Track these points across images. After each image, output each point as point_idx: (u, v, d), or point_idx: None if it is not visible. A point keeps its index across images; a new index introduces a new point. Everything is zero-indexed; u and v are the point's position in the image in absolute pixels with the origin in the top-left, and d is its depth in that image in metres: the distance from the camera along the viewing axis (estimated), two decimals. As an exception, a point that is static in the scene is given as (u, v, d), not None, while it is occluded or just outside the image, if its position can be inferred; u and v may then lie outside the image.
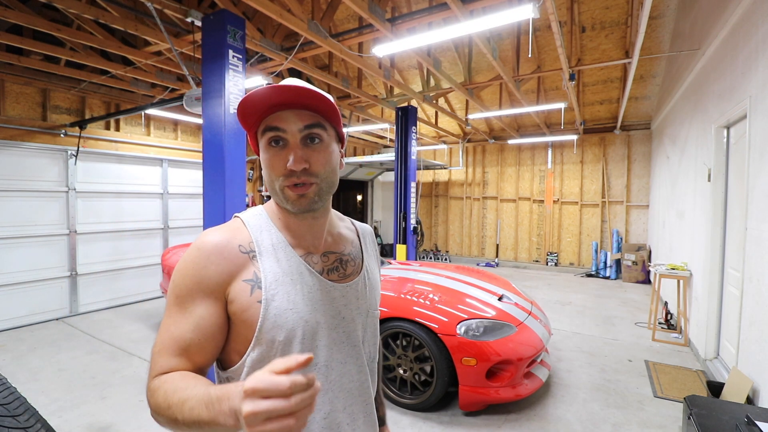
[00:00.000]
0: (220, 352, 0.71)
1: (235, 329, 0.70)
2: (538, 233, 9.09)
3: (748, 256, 2.66)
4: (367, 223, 11.27)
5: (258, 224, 0.77)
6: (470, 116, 6.94)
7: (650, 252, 7.36)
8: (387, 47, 3.71)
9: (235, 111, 0.75)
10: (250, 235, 0.74)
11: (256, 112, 0.71)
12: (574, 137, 8.12)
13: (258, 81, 4.33)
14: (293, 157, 0.69)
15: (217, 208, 3.07)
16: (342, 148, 0.83)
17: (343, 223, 0.92)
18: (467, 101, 7.62)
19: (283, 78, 5.35)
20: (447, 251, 10.38)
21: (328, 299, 0.76)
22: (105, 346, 4.13)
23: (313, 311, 0.73)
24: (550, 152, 8.88)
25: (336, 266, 0.81)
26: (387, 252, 10.36)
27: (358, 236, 0.93)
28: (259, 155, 0.76)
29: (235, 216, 0.80)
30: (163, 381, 0.62)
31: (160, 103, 4.51)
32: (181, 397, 0.57)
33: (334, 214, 0.90)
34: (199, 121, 5.94)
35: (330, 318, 0.75)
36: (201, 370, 0.68)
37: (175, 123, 6.55)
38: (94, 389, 3.16)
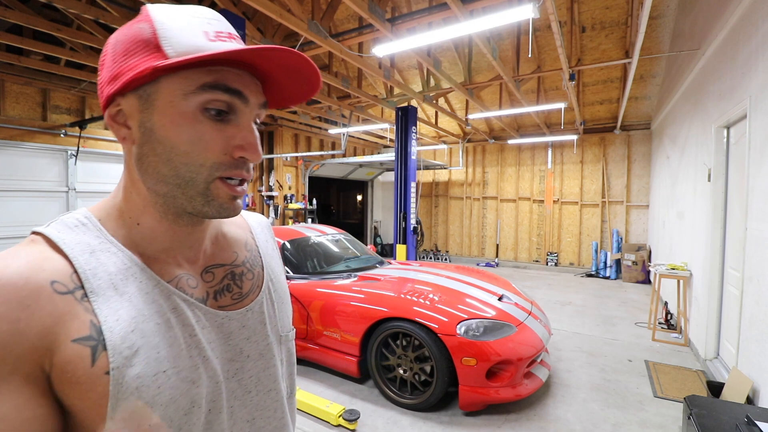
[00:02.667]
0: None
1: (72, 421, 0.42)
2: (538, 233, 9.09)
3: (748, 256, 2.66)
4: (367, 223, 11.33)
5: (83, 241, 0.46)
6: (470, 116, 6.94)
7: (650, 252, 7.36)
8: (387, 47, 3.71)
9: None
10: (71, 263, 0.44)
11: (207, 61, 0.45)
12: (574, 137, 8.12)
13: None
14: (253, 143, 0.48)
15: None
16: None
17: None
18: (467, 101, 7.62)
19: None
20: (447, 251, 10.39)
21: (222, 337, 0.52)
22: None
23: (202, 363, 0.48)
24: (550, 152, 8.89)
25: (227, 285, 0.56)
26: (387, 252, 10.36)
27: (251, 233, 0.67)
28: (111, 104, 0.47)
29: (34, 233, 0.46)
30: None
31: (160, 103, 4.51)
32: None
33: None
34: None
35: (227, 363, 0.52)
36: None
37: (175, 123, 6.55)
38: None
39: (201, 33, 0.46)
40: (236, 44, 0.48)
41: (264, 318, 0.59)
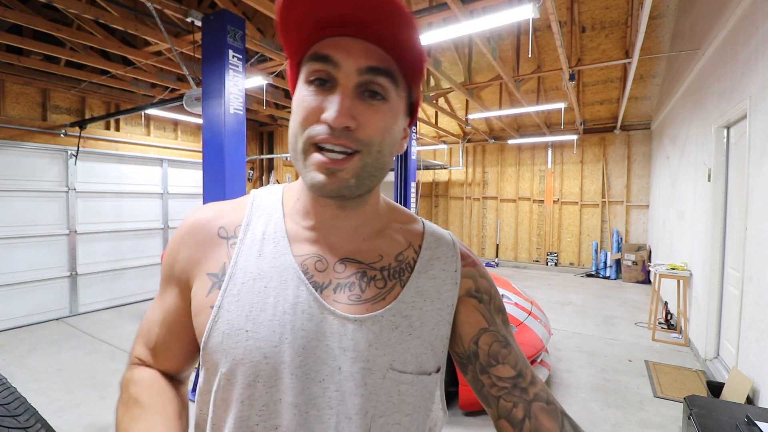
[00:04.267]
0: (192, 357, 0.60)
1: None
2: (538, 233, 9.09)
3: (748, 256, 2.66)
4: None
5: (264, 204, 0.57)
6: (470, 116, 6.94)
7: (650, 252, 7.36)
8: (387, 47, 3.70)
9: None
10: (246, 217, 0.55)
11: (300, 29, 0.45)
12: (574, 137, 8.12)
13: (258, 81, 4.33)
14: (336, 106, 0.44)
15: (217, 208, 3.06)
16: (412, 125, 0.57)
17: (406, 225, 0.59)
18: (467, 101, 7.62)
19: (284, 78, 5.35)
20: (447, 251, 10.37)
21: (316, 332, 0.48)
22: (105, 346, 4.13)
23: (281, 344, 0.46)
24: (550, 152, 8.88)
25: (351, 282, 0.52)
26: (387, 252, 10.35)
27: (421, 245, 0.57)
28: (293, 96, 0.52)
29: (254, 191, 0.61)
30: (129, 388, 0.56)
31: (160, 103, 4.52)
32: None
33: (398, 210, 0.61)
34: (199, 121, 5.94)
35: (312, 364, 0.47)
36: (174, 374, 0.61)
37: (175, 123, 6.55)
38: (94, 389, 3.16)
39: None
40: None
41: (374, 339, 0.49)
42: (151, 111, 5.15)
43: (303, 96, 0.47)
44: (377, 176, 0.50)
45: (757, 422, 1.81)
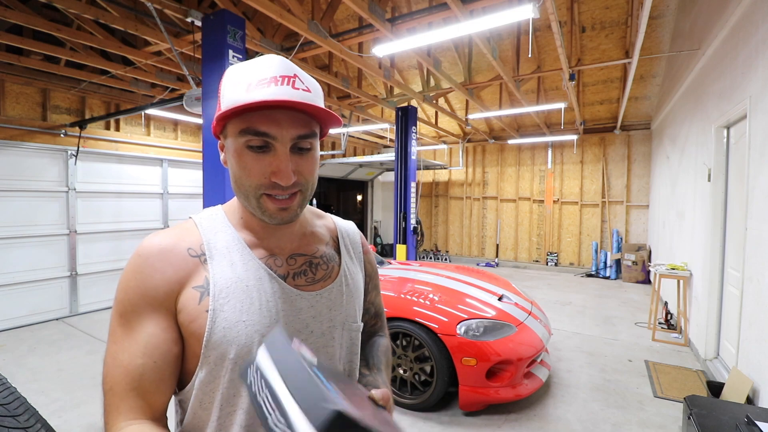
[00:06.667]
0: (177, 379, 0.63)
1: (186, 344, 0.62)
2: (538, 233, 9.09)
3: (748, 256, 2.66)
4: (367, 223, 11.32)
5: (212, 225, 0.69)
6: (470, 116, 6.94)
7: (650, 252, 7.36)
8: (387, 47, 3.71)
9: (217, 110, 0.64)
10: (201, 237, 0.66)
11: (239, 111, 0.59)
12: (574, 137, 8.12)
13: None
14: (283, 170, 0.60)
15: (217, 208, 3.06)
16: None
17: (321, 221, 0.82)
18: (467, 101, 7.62)
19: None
20: (447, 251, 10.38)
21: (293, 310, 0.67)
22: (105, 346, 4.13)
23: (272, 324, 0.63)
24: (550, 152, 8.88)
25: (303, 270, 0.71)
26: (387, 252, 10.36)
27: (337, 236, 0.82)
28: (218, 140, 0.67)
29: (189, 217, 0.72)
30: None
31: (160, 103, 4.51)
32: None
33: (311, 211, 0.81)
34: (199, 121, 5.94)
35: (294, 333, 0.66)
36: (160, 414, 0.60)
37: (175, 123, 6.55)
38: (94, 389, 3.16)
39: (244, 87, 0.59)
40: (271, 88, 0.59)
41: (330, 304, 0.71)
42: (151, 111, 5.15)
43: (247, 159, 0.61)
44: (311, 198, 0.68)
45: (757, 422, 1.81)
